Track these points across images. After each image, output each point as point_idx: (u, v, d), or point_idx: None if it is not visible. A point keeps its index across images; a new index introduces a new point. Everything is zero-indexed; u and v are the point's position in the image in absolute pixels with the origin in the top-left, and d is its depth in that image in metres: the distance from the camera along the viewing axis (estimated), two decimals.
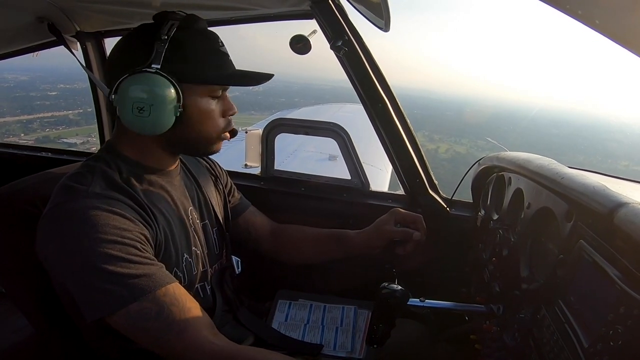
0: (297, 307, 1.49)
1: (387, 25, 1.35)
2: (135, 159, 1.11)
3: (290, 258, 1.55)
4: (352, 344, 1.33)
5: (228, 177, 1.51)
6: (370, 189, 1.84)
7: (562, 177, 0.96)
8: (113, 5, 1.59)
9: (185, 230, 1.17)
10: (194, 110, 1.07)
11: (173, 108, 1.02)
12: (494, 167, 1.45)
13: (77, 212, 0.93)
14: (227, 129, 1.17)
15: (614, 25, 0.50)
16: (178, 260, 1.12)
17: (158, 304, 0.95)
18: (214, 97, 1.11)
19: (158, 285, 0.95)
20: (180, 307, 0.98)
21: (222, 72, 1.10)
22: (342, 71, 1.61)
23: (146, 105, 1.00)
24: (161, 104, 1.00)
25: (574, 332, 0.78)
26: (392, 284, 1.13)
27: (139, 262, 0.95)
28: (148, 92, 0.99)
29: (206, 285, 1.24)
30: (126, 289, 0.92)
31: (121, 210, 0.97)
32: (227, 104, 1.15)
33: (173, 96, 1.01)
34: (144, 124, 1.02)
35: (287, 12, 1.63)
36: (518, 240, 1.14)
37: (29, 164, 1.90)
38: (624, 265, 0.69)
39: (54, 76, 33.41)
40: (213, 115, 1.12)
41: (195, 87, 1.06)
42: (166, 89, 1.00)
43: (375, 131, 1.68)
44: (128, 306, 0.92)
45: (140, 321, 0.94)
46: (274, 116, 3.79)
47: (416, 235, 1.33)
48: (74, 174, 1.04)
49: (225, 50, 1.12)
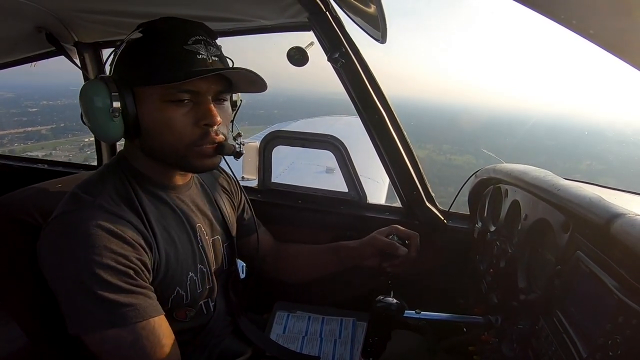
0: (296, 319, 1.47)
1: (384, 36, 1.36)
2: (142, 171, 1.10)
3: (291, 276, 1.55)
4: (350, 356, 1.32)
5: (242, 194, 1.48)
6: (367, 202, 1.84)
7: (558, 188, 0.96)
8: (111, 16, 1.60)
9: (192, 247, 1.15)
10: (150, 117, 1.01)
11: (106, 113, 0.97)
12: (490, 179, 1.46)
13: (79, 226, 0.92)
14: (205, 141, 1.04)
15: (608, 35, 0.51)
16: (181, 280, 1.10)
17: (134, 334, 0.93)
18: (174, 101, 0.99)
19: (140, 317, 0.94)
20: (155, 342, 0.96)
21: (175, 72, 0.97)
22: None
23: (85, 111, 1.00)
24: (94, 110, 0.98)
25: (572, 343, 0.78)
26: (387, 297, 1.13)
27: (128, 291, 0.93)
28: (83, 99, 0.99)
29: (210, 302, 1.21)
30: (108, 314, 0.91)
31: (123, 233, 0.95)
32: (202, 111, 1.01)
33: (104, 101, 0.97)
34: (93, 130, 1.02)
35: (284, 24, 1.65)
36: (515, 251, 1.14)
37: (25, 176, 1.90)
38: (621, 275, 0.69)
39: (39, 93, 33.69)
40: (172, 124, 1.00)
41: (146, 91, 0.99)
42: (96, 93, 0.97)
43: (372, 143, 1.68)
44: (105, 331, 0.91)
45: (113, 347, 0.93)
46: (271, 129, 3.79)
47: (402, 250, 1.33)
48: (85, 182, 1.04)
49: (195, 49, 0.99)
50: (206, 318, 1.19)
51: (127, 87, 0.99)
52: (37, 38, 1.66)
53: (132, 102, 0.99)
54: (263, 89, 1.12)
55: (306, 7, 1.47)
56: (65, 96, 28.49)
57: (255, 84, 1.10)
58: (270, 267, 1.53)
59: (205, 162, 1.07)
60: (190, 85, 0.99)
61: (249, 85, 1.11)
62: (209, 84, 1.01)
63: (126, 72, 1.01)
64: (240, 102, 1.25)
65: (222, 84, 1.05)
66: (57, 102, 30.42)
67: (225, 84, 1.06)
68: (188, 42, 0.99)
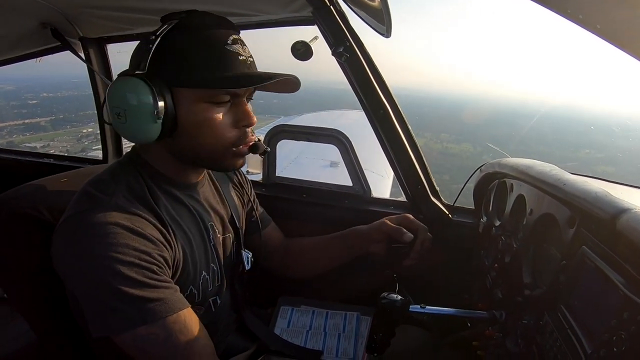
0: (300, 313, 1.48)
1: (389, 31, 1.36)
2: (157, 168, 1.07)
3: (298, 272, 1.55)
4: (354, 350, 1.33)
5: (252, 190, 1.48)
6: (371, 196, 1.84)
7: (564, 183, 0.95)
8: (116, 12, 1.61)
9: (205, 246, 1.14)
10: (190, 118, 0.98)
11: (149, 114, 0.93)
12: (495, 174, 1.45)
13: (97, 226, 0.89)
14: (242, 142, 1.04)
15: (614, 30, 0.50)
16: (195, 278, 1.10)
17: (167, 330, 0.91)
18: (216, 103, 0.99)
19: (170, 311, 0.92)
20: (188, 336, 0.94)
21: (218, 74, 0.97)
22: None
23: (121, 110, 0.94)
24: (136, 109, 0.93)
25: (577, 338, 0.77)
26: (392, 293, 1.12)
27: (154, 286, 0.91)
28: (122, 96, 0.94)
29: (217, 299, 1.21)
30: (138, 312, 0.89)
31: (142, 230, 0.93)
32: (241, 112, 1.02)
33: (149, 101, 0.92)
34: (125, 130, 0.97)
35: (288, 18, 1.64)
36: (520, 246, 1.13)
37: (31, 170, 1.91)
38: (627, 271, 0.69)
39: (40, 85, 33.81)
40: (214, 125, 0.99)
41: (188, 92, 0.97)
42: (140, 93, 0.92)
43: (377, 137, 1.68)
44: (137, 329, 0.89)
45: (146, 345, 0.91)
46: (276, 122, 3.80)
47: (407, 236, 1.33)
48: (97, 180, 1.01)
49: (235, 50, 0.98)
50: (213, 315, 1.20)
51: (166, 86, 0.95)
52: (42, 34, 1.66)
53: (171, 102, 0.96)
54: (296, 90, 1.12)
55: (310, 1, 1.47)
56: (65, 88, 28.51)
57: (289, 87, 1.10)
58: (278, 263, 1.53)
59: (238, 162, 1.08)
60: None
61: (282, 87, 1.11)
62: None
63: (164, 70, 0.96)
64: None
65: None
66: (57, 94, 30.47)
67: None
68: (228, 42, 0.98)
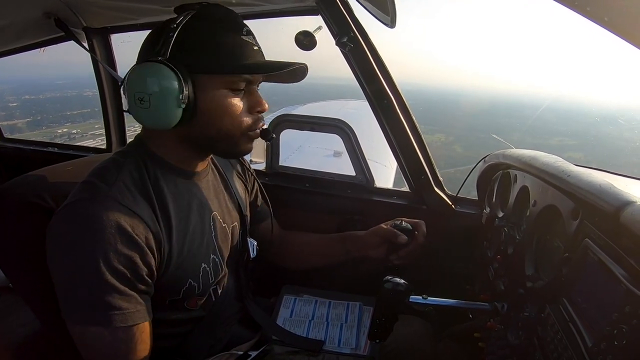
0: (302, 303, 1.49)
1: (393, 21, 1.34)
2: (162, 156, 1.08)
3: (293, 263, 1.57)
4: (356, 340, 1.33)
5: (256, 180, 1.49)
6: (375, 186, 1.84)
7: (568, 174, 0.95)
8: (119, 1, 1.59)
9: (206, 238, 1.15)
10: (210, 104, 1.01)
11: (175, 99, 0.96)
12: (499, 165, 1.45)
13: (91, 217, 0.91)
14: (256, 127, 1.09)
15: (623, 22, 0.50)
16: (194, 271, 1.10)
17: (114, 336, 0.93)
18: (234, 90, 1.02)
19: (125, 322, 0.94)
20: (131, 347, 0.96)
21: (239, 62, 1.01)
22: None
23: (145, 95, 0.96)
24: (161, 94, 0.95)
25: (578, 331, 0.77)
26: (395, 277, 1.13)
27: (123, 292, 0.93)
28: (147, 81, 0.95)
29: (218, 289, 1.22)
30: (95, 314, 0.91)
31: (133, 230, 0.94)
32: (255, 98, 1.07)
33: (174, 87, 0.95)
34: (147, 115, 0.98)
35: (292, 8, 1.63)
36: (523, 238, 1.13)
37: (35, 159, 1.92)
38: (629, 264, 0.69)
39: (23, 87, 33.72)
40: (233, 111, 1.03)
41: (209, 79, 1.00)
42: (166, 78, 0.95)
43: (381, 128, 1.68)
44: (88, 326, 0.92)
45: (91, 341, 0.94)
46: (279, 112, 3.78)
47: (401, 238, 1.34)
48: (100, 168, 1.02)
49: (250, 40, 1.03)
50: (215, 305, 1.21)
51: (188, 73, 0.98)
52: (46, 24, 1.65)
53: (192, 89, 0.98)
54: (301, 79, 1.16)
55: None
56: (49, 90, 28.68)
57: (296, 76, 1.14)
58: (274, 253, 1.55)
59: (249, 147, 1.12)
60: (249, 75, 1.03)
61: (290, 77, 1.14)
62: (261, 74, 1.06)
63: (186, 57, 0.98)
64: None
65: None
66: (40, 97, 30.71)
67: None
68: (243, 33, 1.02)
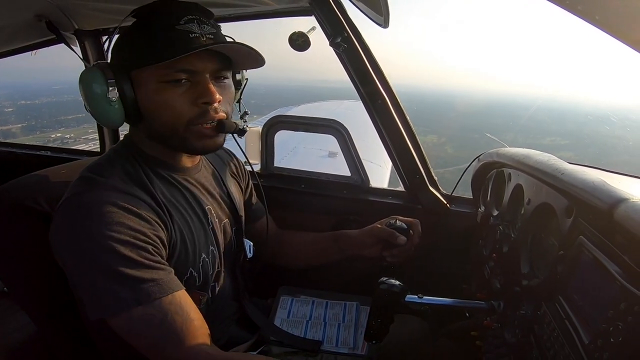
0: (300, 304, 1.49)
1: (387, 21, 1.35)
2: (150, 154, 1.10)
3: (289, 262, 1.57)
4: (354, 340, 1.33)
5: (250, 180, 1.49)
6: (370, 186, 1.84)
7: (562, 172, 0.95)
8: (111, 4, 1.59)
9: (204, 228, 1.15)
10: (149, 99, 1.01)
11: (104, 99, 0.98)
12: (493, 163, 1.45)
13: (94, 205, 0.91)
14: (203, 120, 1.02)
15: (614, 21, 0.50)
16: (195, 260, 1.10)
17: (162, 311, 0.92)
18: (171, 82, 0.99)
19: (165, 292, 0.93)
20: (184, 317, 0.95)
21: (162, 52, 0.96)
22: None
23: (84, 99, 1.01)
24: (91, 97, 0.99)
25: (574, 329, 0.78)
26: (390, 279, 1.13)
27: (149, 267, 0.92)
28: (81, 87, 1.00)
29: (216, 286, 1.21)
30: (132, 292, 0.89)
31: (138, 209, 0.95)
32: (200, 89, 1.01)
33: (99, 88, 0.98)
34: (95, 117, 1.02)
35: (286, 9, 1.63)
36: (518, 236, 1.14)
37: (28, 163, 1.91)
38: (624, 261, 0.69)
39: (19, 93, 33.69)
40: (170, 103, 1.00)
41: (142, 75, 1.00)
42: (91, 81, 0.98)
43: (375, 128, 1.68)
44: (131, 310, 0.90)
45: (142, 326, 0.92)
46: (273, 113, 3.78)
47: (401, 239, 1.32)
48: (94, 165, 1.04)
49: (186, 28, 0.98)
50: (213, 305, 1.20)
51: (124, 72, 1.00)
52: (37, 26, 1.64)
53: (129, 87, 1.00)
54: (261, 64, 1.11)
55: None
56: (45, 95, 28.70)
57: (251, 58, 1.08)
58: (269, 252, 1.54)
59: (206, 143, 1.06)
60: (186, 64, 0.98)
61: (246, 60, 1.10)
62: (205, 62, 1.01)
63: (121, 56, 1.03)
64: (246, 80, 1.25)
65: (220, 62, 1.04)
66: (35, 102, 30.77)
67: (223, 62, 1.05)
68: (180, 22, 0.98)
